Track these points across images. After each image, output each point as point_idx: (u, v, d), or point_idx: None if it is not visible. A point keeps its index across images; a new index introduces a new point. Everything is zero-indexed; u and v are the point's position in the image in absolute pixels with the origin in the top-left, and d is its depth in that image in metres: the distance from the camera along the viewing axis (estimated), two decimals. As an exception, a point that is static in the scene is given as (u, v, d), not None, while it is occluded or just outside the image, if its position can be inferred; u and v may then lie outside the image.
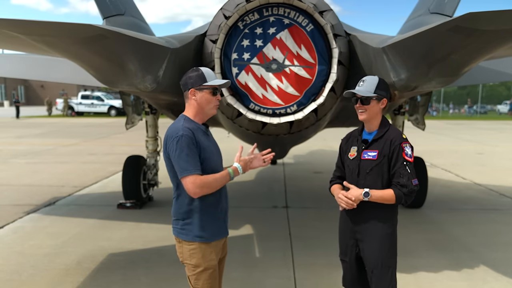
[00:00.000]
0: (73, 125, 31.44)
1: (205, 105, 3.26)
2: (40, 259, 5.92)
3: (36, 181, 11.09)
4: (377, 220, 3.43)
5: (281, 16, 5.31)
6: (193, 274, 3.27)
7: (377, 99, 3.43)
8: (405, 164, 3.34)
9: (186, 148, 3.09)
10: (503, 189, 10.53)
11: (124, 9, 5.90)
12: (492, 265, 5.76)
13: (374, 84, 3.44)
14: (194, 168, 3.08)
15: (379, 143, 3.44)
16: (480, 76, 9.74)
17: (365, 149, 3.49)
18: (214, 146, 3.38)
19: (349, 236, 3.57)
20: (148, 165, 9.06)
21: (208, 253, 3.26)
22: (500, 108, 55.71)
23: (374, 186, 3.41)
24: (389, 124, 3.56)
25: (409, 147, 3.42)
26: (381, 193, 3.35)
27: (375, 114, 3.47)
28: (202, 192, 3.12)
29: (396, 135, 3.44)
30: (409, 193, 3.33)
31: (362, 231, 3.48)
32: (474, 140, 22.74)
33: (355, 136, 3.64)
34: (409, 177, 3.33)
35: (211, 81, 3.24)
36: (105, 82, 5.28)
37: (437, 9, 5.69)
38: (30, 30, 3.93)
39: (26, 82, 71.26)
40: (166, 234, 6.85)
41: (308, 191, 10.31)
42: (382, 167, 3.40)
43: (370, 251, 3.44)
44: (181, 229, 3.29)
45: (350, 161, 3.56)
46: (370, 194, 3.33)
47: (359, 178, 3.47)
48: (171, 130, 3.20)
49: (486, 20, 3.46)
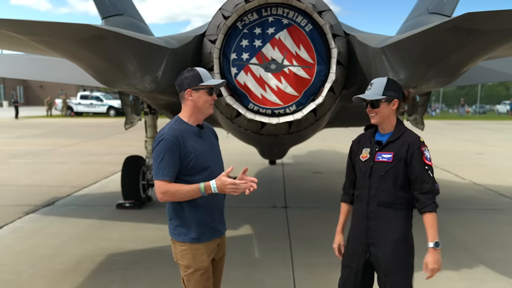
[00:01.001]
0: (72, 125, 31.43)
1: (202, 105, 3.24)
2: (39, 259, 5.92)
3: (35, 182, 11.10)
4: (391, 223, 3.33)
5: (280, 16, 5.32)
6: (185, 274, 3.28)
7: (387, 101, 3.31)
8: (427, 169, 3.25)
9: (163, 152, 3.10)
10: (502, 189, 10.53)
11: (123, 9, 5.91)
12: (491, 265, 5.77)
13: (382, 86, 3.31)
14: (163, 173, 3.09)
15: (394, 145, 3.33)
16: (479, 76, 9.76)
17: (379, 151, 3.37)
18: (208, 147, 3.32)
19: (361, 240, 3.44)
20: (147, 165, 9.05)
21: (199, 254, 3.25)
22: (499, 108, 55.72)
23: (388, 189, 3.31)
24: (405, 126, 3.45)
25: (428, 151, 3.32)
26: (435, 227, 3.28)
27: (387, 116, 3.34)
28: (165, 199, 3.14)
29: (414, 138, 3.33)
30: (434, 197, 3.25)
31: (375, 236, 3.36)
32: (473, 140, 22.76)
33: (367, 138, 3.51)
34: (433, 181, 3.25)
35: (207, 81, 3.23)
36: (104, 82, 5.29)
37: (436, 9, 5.69)
38: (29, 30, 3.94)
39: (25, 82, 71.19)
40: (165, 234, 6.78)
41: (308, 191, 10.32)
42: (398, 170, 3.28)
43: (383, 256, 3.35)
44: (174, 230, 3.31)
45: (362, 163, 3.43)
46: (438, 242, 3.28)
47: (371, 181, 3.35)
48: (160, 131, 3.24)
49: (485, 20, 3.46)
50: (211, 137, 3.44)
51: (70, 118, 40.63)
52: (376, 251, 3.37)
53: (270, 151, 8.83)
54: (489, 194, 10.05)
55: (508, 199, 9.55)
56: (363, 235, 3.42)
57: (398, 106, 3.39)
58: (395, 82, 3.41)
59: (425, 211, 3.25)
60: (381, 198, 3.32)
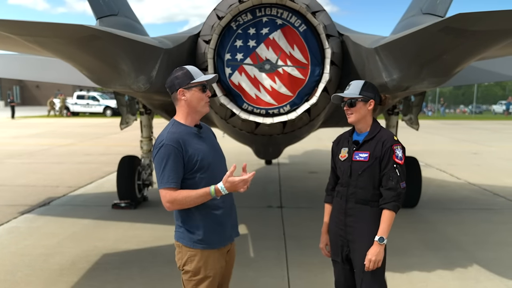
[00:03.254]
0: (69, 125, 31.38)
1: (196, 103, 3.13)
2: (35, 259, 5.92)
3: (31, 182, 11.09)
4: (367, 220, 3.44)
5: (274, 16, 5.33)
6: (191, 280, 3.14)
7: (363, 101, 3.46)
8: (395, 167, 3.37)
9: (166, 159, 2.99)
10: (497, 188, 10.57)
11: (118, 9, 5.91)
12: (485, 264, 5.79)
13: (359, 87, 3.48)
14: (167, 181, 2.99)
15: (370, 144, 3.46)
16: (475, 76, 9.80)
17: (356, 151, 3.50)
18: (210, 147, 3.24)
19: (340, 236, 3.58)
20: (143, 165, 9.07)
21: (211, 261, 3.14)
22: (495, 108, 55.88)
23: (366, 187, 3.43)
24: (380, 125, 3.58)
25: (400, 149, 3.43)
26: (387, 223, 3.35)
27: (363, 116, 3.48)
28: (173, 207, 3.03)
29: (387, 137, 3.45)
30: (396, 196, 3.34)
31: (353, 232, 3.49)
32: (469, 140, 22.82)
33: (345, 138, 3.65)
34: (398, 180, 3.35)
35: (198, 77, 3.13)
36: (98, 83, 5.29)
37: (430, 9, 5.71)
38: (23, 31, 3.94)
39: (21, 82, 70.99)
40: (160, 234, 6.87)
41: (303, 191, 10.34)
42: (374, 168, 3.41)
43: (361, 252, 3.44)
44: (182, 234, 3.17)
45: (342, 163, 3.57)
46: (383, 238, 3.34)
47: (351, 179, 3.49)
48: (158, 137, 3.12)
49: (476, 21, 3.48)
50: (210, 136, 3.35)
51: (66, 118, 40.57)
52: (354, 248, 3.50)
53: (265, 151, 8.85)
54: (484, 194, 10.08)
55: (503, 199, 9.59)
56: (342, 230, 3.57)
57: (375, 108, 3.53)
58: (372, 84, 3.57)
59: (384, 207, 3.38)
60: (358, 196, 3.47)
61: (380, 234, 3.35)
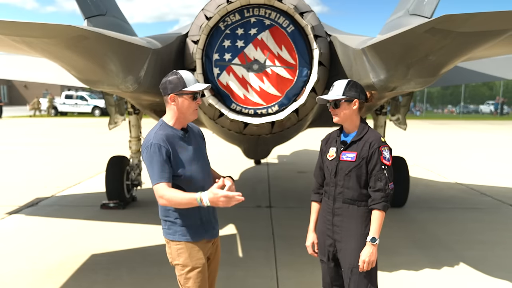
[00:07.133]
0: (57, 125, 31.17)
1: (185, 110, 3.21)
2: (22, 260, 5.89)
3: (18, 182, 11.02)
4: (354, 220, 3.47)
5: (262, 17, 5.34)
6: (182, 273, 3.26)
7: (347, 101, 3.46)
8: (383, 168, 3.39)
9: (155, 157, 3.08)
10: (484, 188, 10.68)
11: (106, 9, 5.88)
12: (471, 263, 5.85)
13: (342, 88, 3.48)
14: (158, 177, 3.07)
15: (357, 145, 3.48)
16: (462, 77, 9.88)
17: (343, 151, 3.52)
18: (195, 151, 3.30)
19: (328, 235, 3.60)
20: (132, 165, 9.05)
21: (195, 252, 3.25)
22: (482, 108, 56.28)
23: (353, 187, 3.45)
24: (368, 126, 3.60)
25: (388, 151, 3.46)
26: (378, 223, 3.39)
27: (349, 116, 3.49)
28: (162, 203, 3.10)
29: (375, 138, 3.47)
30: (385, 196, 3.38)
31: (340, 231, 3.52)
32: (457, 140, 22.98)
33: (334, 138, 3.67)
34: (387, 181, 3.39)
35: (191, 86, 3.19)
36: (86, 83, 5.27)
37: (416, 10, 5.73)
38: (9, 31, 3.91)
39: (9, 82, 70.33)
40: (149, 235, 6.85)
41: (292, 191, 10.36)
42: (361, 169, 3.44)
43: (348, 251, 3.47)
44: (168, 229, 3.28)
45: (329, 162, 3.60)
46: (376, 238, 3.37)
47: (337, 179, 3.51)
48: (146, 137, 3.21)
49: (462, 22, 3.51)
50: (197, 140, 3.40)
51: (54, 118, 40.31)
52: (341, 247, 3.53)
53: (253, 151, 8.85)
54: (471, 194, 10.18)
55: (489, 198, 9.68)
56: (329, 229, 3.60)
57: (360, 107, 3.53)
58: (356, 83, 3.55)
59: (374, 207, 3.41)
60: (346, 196, 3.49)
61: (372, 235, 3.38)
